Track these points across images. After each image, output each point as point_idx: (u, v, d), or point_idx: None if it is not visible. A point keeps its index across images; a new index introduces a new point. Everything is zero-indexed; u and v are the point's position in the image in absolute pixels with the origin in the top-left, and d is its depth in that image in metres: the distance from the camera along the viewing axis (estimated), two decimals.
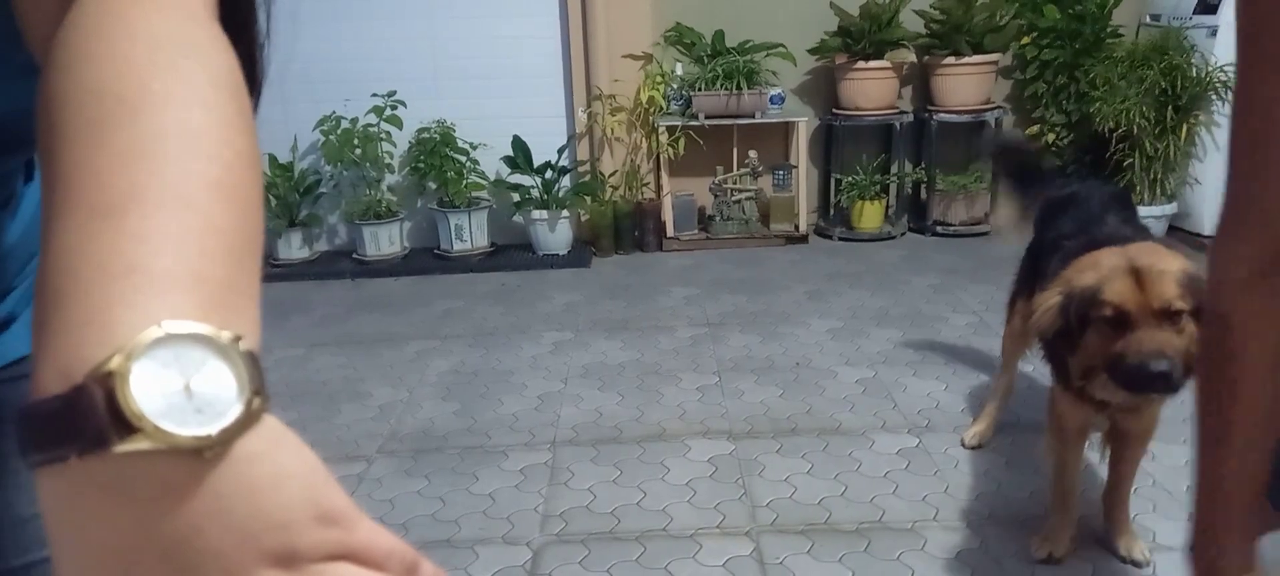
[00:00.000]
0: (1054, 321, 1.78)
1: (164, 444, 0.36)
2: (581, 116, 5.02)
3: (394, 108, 4.80)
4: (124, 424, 0.36)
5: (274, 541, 0.38)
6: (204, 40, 0.51)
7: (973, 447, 2.63)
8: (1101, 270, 1.73)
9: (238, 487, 0.38)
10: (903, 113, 5.09)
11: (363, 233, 4.90)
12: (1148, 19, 4.87)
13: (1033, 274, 2.35)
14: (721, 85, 4.81)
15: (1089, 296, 1.71)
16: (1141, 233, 2.08)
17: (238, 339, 0.40)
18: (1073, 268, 1.81)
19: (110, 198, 0.43)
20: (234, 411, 0.38)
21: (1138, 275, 1.69)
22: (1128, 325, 1.69)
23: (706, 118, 4.86)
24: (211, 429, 0.37)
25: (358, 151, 4.79)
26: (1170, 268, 1.70)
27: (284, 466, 0.39)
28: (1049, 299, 1.80)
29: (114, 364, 0.36)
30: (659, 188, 5.10)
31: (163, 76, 0.48)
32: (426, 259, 4.97)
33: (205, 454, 0.37)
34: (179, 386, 0.38)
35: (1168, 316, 1.67)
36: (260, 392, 0.40)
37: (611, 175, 5.03)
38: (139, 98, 0.46)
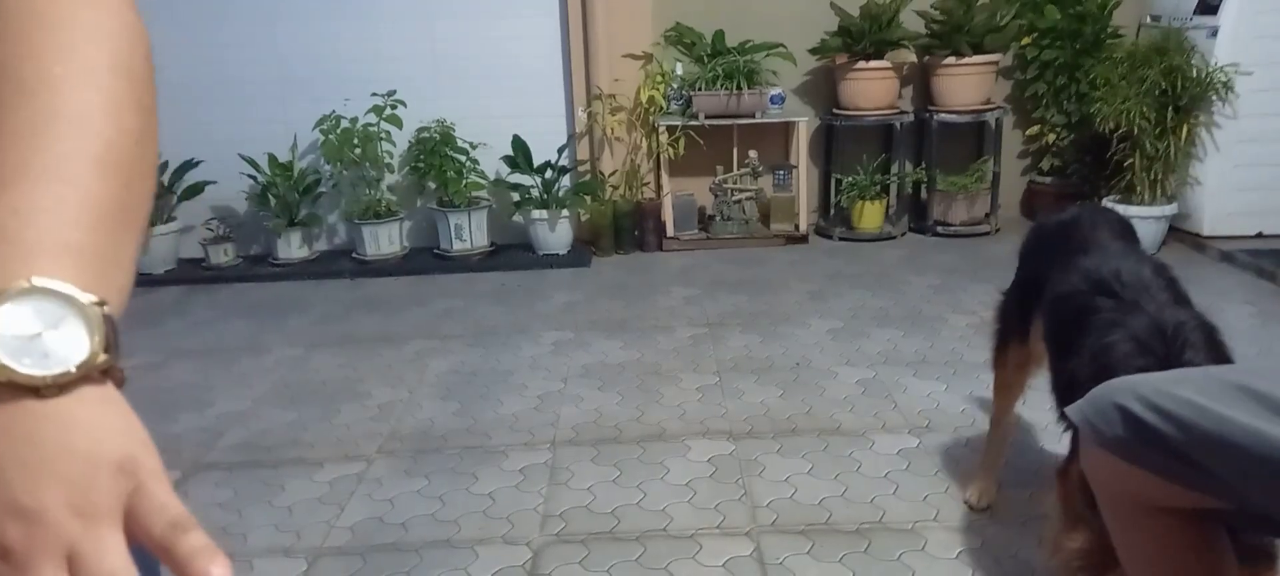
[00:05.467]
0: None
1: (2, 377, 0.44)
2: (581, 116, 5.02)
3: (394, 107, 4.80)
4: None
5: (71, 470, 0.44)
6: (107, 22, 0.57)
7: (981, 509, 2.34)
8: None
9: (59, 419, 0.45)
10: (903, 113, 5.09)
11: (362, 232, 4.90)
12: (1148, 19, 4.87)
13: (1022, 317, 2.09)
14: (722, 85, 4.81)
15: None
16: (1159, 273, 1.77)
17: (101, 303, 0.47)
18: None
19: None
20: (76, 362, 0.46)
21: None
22: None
23: (707, 117, 4.86)
24: (49, 371, 0.45)
25: (357, 151, 4.79)
26: None
27: (103, 417, 0.47)
28: (1068, 531, 1.62)
29: None
30: (659, 187, 5.10)
31: (63, 61, 0.54)
32: (426, 258, 4.96)
33: (43, 392, 0.45)
34: (32, 332, 0.45)
35: None
36: (109, 352, 0.47)
37: (611, 175, 5.02)
38: (37, 80, 0.53)
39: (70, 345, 0.46)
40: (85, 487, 0.44)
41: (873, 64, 4.85)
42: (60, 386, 0.45)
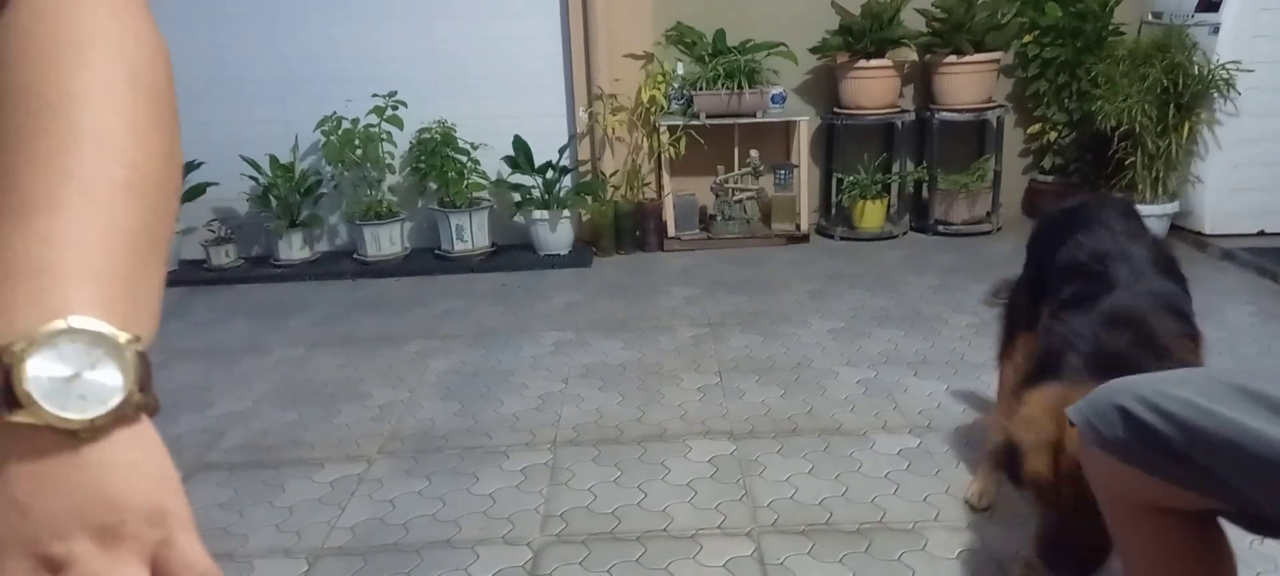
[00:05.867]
0: (1000, 455, 1.74)
1: (41, 420, 0.44)
2: (582, 116, 5.02)
3: (395, 108, 4.80)
4: (13, 399, 0.43)
5: (104, 518, 0.44)
6: (129, 41, 0.56)
7: (982, 509, 2.32)
8: (1038, 430, 1.60)
9: (93, 464, 0.45)
10: (904, 111, 5.08)
11: (363, 233, 4.90)
12: (1150, 17, 4.87)
13: (1032, 309, 2.08)
14: (722, 84, 4.81)
15: (1016, 460, 1.65)
16: (1163, 272, 1.86)
17: (135, 340, 0.47)
18: (1025, 402, 1.67)
19: (25, 199, 0.49)
20: (112, 404, 0.45)
21: (1057, 452, 1.56)
22: (1043, 501, 1.64)
23: (707, 117, 4.86)
24: (86, 415, 0.44)
25: (358, 152, 4.79)
26: None
27: (138, 462, 0.46)
28: (996, 434, 1.74)
29: (16, 348, 0.44)
30: (660, 187, 5.10)
31: (84, 80, 0.53)
32: (427, 259, 4.96)
33: (80, 434, 0.44)
34: (68, 374, 0.45)
35: (1083, 501, 1.51)
36: (144, 391, 0.47)
37: (612, 175, 5.02)
38: (60, 101, 0.52)
39: (106, 386, 0.45)
40: (115, 535, 0.44)
41: (874, 63, 4.85)
42: (96, 429, 0.45)
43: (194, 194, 4.89)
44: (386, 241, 4.93)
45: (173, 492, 0.47)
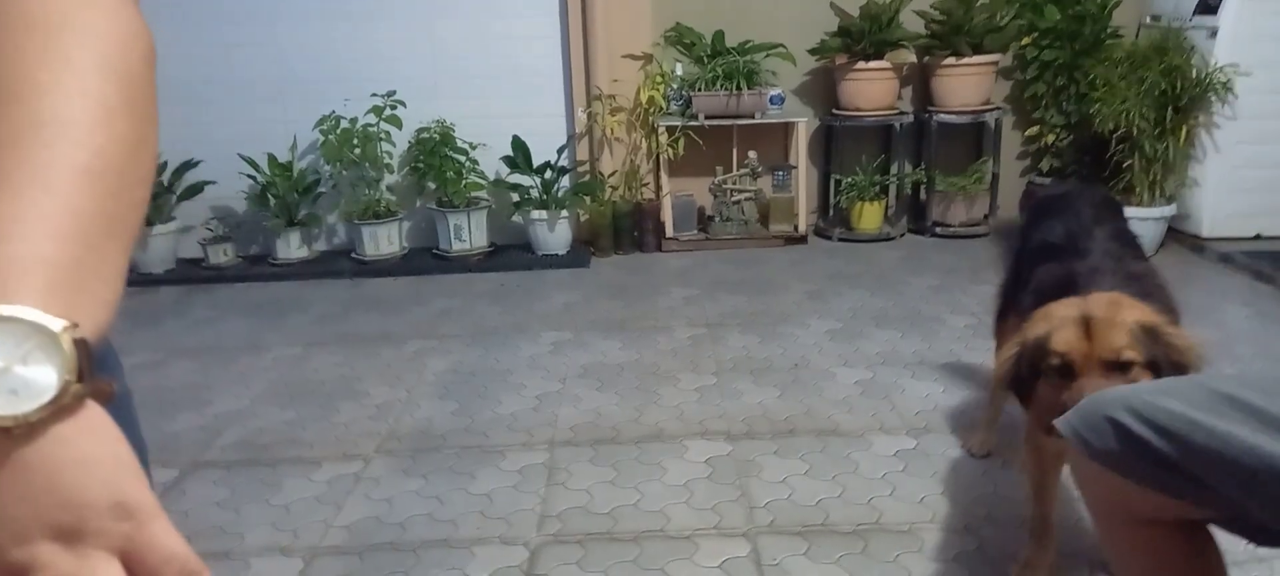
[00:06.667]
0: (1011, 372, 1.77)
1: None
2: (581, 116, 5.02)
3: (393, 107, 4.80)
4: None
5: (63, 518, 0.42)
6: (102, 24, 0.54)
7: (981, 456, 2.59)
8: (1052, 320, 1.69)
9: (40, 464, 0.42)
10: (902, 113, 5.09)
11: (362, 232, 4.90)
12: (1148, 20, 4.87)
13: (1018, 285, 2.29)
14: (721, 85, 4.81)
15: (1038, 347, 1.68)
16: (1130, 249, 2.01)
17: (72, 326, 0.44)
18: (1031, 320, 1.76)
19: None
20: (46, 397, 0.42)
21: (1087, 325, 1.65)
22: (1073, 375, 1.64)
23: (706, 118, 4.86)
24: (18, 410, 0.42)
25: (357, 151, 4.79)
26: (1124, 318, 1.65)
27: (90, 454, 0.43)
28: (1007, 350, 1.78)
29: None
30: (658, 188, 5.10)
31: (50, 65, 0.51)
32: (425, 259, 4.97)
33: (13, 431, 0.42)
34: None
35: (1116, 367, 1.62)
36: (82, 380, 0.44)
37: (611, 175, 5.02)
38: (22, 86, 0.50)
39: (40, 379, 0.42)
40: (78, 534, 0.42)
41: (872, 64, 4.86)
42: (32, 425, 0.42)
43: (192, 192, 4.89)
44: (384, 241, 4.93)
45: (133, 482, 0.44)
